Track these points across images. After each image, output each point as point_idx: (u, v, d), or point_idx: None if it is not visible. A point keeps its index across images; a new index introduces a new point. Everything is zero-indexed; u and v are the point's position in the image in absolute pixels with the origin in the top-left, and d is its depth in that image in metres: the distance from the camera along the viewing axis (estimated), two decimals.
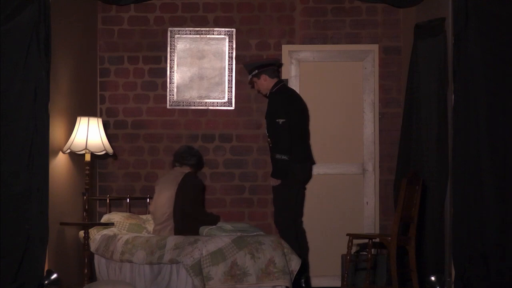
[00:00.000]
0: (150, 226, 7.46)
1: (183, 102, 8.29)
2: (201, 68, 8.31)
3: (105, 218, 7.55)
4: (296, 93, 7.81)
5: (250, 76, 7.60)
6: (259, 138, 8.25)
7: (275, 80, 7.55)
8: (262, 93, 7.66)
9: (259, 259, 6.56)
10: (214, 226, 6.88)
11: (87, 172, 7.10)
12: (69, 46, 7.35)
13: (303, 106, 7.68)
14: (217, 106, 8.29)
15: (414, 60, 7.50)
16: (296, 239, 7.20)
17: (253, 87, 7.85)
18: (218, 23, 8.33)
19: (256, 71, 7.52)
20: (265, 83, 7.53)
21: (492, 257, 6.39)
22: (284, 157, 7.26)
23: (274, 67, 7.60)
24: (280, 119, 7.30)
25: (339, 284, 7.81)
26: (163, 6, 8.34)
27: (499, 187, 6.42)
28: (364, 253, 7.54)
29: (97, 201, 8.18)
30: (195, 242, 6.52)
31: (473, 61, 6.47)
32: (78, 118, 7.18)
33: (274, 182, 7.36)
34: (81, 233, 7.28)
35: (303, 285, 7.46)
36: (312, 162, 7.69)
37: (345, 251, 7.26)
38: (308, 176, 7.74)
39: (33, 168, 6.19)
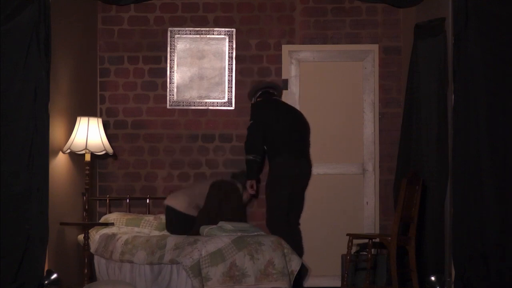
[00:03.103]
0: (147, 222, 7.51)
1: (183, 102, 8.29)
2: (201, 68, 8.31)
3: (102, 220, 7.58)
4: (281, 101, 7.93)
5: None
6: None
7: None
8: None
9: (258, 260, 6.55)
10: (214, 226, 6.88)
11: (87, 172, 7.10)
12: (69, 46, 7.35)
13: (289, 110, 7.77)
14: (217, 106, 8.29)
15: (414, 60, 7.50)
16: (292, 241, 7.16)
17: None
18: (218, 23, 8.33)
19: (253, 99, 7.81)
20: None
21: (492, 257, 6.39)
22: (250, 157, 7.48)
23: (270, 90, 7.82)
24: (250, 121, 7.55)
25: (339, 284, 7.81)
26: (163, 6, 8.34)
27: (499, 187, 6.42)
28: (364, 253, 7.54)
29: (97, 201, 8.18)
30: (195, 242, 6.52)
31: (473, 61, 6.47)
32: (78, 118, 7.19)
33: (249, 185, 7.55)
34: (80, 237, 7.29)
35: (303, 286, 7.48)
36: (305, 160, 7.68)
37: (345, 251, 7.26)
38: (299, 175, 7.66)
39: (33, 168, 6.19)
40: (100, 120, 7.27)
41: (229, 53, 8.30)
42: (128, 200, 8.05)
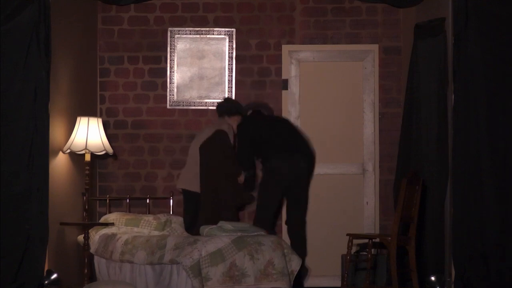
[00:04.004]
0: (147, 222, 7.52)
1: (183, 102, 8.29)
2: (201, 68, 8.31)
3: (102, 220, 7.58)
4: (264, 113, 7.97)
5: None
6: None
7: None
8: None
9: (258, 260, 6.55)
10: (214, 226, 6.88)
11: (87, 172, 7.10)
12: (69, 46, 7.35)
13: (273, 118, 7.91)
14: None
15: (414, 60, 7.50)
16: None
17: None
18: (218, 23, 8.33)
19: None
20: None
21: (492, 257, 6.39)
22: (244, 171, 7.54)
23: (262, 110, 7.90)
24: (239, 141, 7.59)
25: (339, 284, 7.81)
26: (163, 6, 8.34)
27: (499, 187, 6.42)
28: (364, 253, 7.54)
29: (97, 201, 8.18)
30: (195, 242, 6.52)
31: (473, 61, 6.47)
32: (78, 118, 7.19)
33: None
34: (80, 237, 7.29)
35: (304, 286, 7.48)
36: (300, 155, 7.61)
37: (345, 251, 7.26)
38: (295, 171, 7.55)
39: (33, 168, 6.19)
40: (100, 120, 7.26)
41: (229, 53, 8.30)
42: (128, 200, 8.05)
